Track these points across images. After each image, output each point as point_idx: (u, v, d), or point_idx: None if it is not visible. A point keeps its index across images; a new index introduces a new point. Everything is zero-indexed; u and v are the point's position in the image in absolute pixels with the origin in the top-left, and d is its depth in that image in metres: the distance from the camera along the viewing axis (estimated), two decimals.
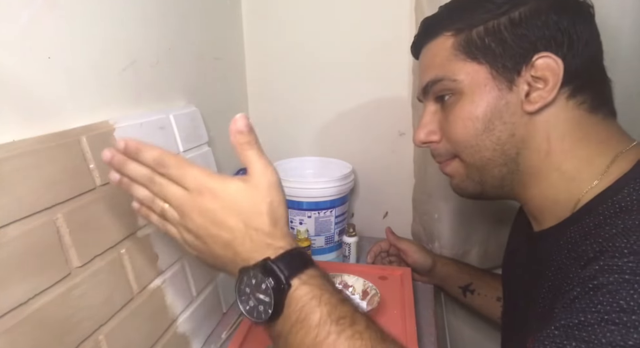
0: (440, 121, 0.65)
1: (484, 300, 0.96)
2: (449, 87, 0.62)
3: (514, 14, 0.57)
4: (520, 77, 0.57)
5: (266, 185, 0.51)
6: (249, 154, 0.54)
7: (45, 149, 0.53)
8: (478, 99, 0.59)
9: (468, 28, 0.60)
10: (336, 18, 1.16)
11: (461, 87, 0.60)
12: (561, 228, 0.57)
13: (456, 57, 0.61)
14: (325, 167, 1.19)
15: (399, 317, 0.82)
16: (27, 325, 0.47)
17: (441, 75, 0.62)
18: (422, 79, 0.66)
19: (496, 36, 0.58)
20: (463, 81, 0.60)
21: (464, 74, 0.60)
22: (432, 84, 0.64)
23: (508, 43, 0.57)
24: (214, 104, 1.05)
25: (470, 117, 0.60)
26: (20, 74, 0.53)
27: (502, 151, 0.60)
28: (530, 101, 0.57)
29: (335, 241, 1.09)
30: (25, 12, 0.53)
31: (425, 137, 0.67)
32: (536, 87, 0.57)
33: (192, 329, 0.77)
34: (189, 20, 0.93)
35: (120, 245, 0.62)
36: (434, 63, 0.64)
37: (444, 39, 0.62)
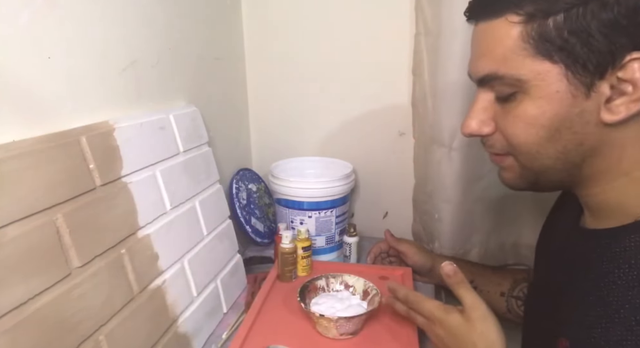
0: (497, 113, 0.56)
1: (486, 296, 0.95)
2: (512, 86, 0.52)
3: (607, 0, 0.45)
4: (602, 80, 0.47)
5: (476, 317, 0.62)
6: (460, 292, 0.65)
7: (45, 149, 0.53)
8: (546, 106, 0.50)
9: (543, 15, 0.48)
10: (336, 18, 1.15)
11: (527, 87, 0.51)
12: (621, 233, 0.51)
13: (523, 51, 0.50)
14: (325, 167, 1.19)
15: (400, 317, 0.82)
16: (27, 325, 0.47)
17: (502, 72, 0.52)
18: (477, 68, 0.56)
19: (580, 30, 0.46)
20: (529, 82, 0.50)
21: (531, 73, 0.50)
22: (490, 80, 0.54)
23: (595, 39, 0.46)
24: (214, 104, 1.05)
25: (534, 123, 0.52)
26: (20, 74, 0.53)
27: (566, 159, 0.53)
28: (612, 110, 0.48)
29: (336, 241, 1.09)
30: (25, 12, 0.53)
31: (477, 128, 0.58)
32: (621, 93, 0.47)
33: (192, 329, 0.77)
34: (189, 21, 0.93)
35: (120, 245, 0.62)
36: (493, 53, 0.53)
37: (508, 25, 0.50)
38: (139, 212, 0.67)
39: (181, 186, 0.79)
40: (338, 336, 0.77)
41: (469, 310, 0.63)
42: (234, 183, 1.13)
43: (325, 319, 0.75)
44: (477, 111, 0.58)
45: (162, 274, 0.70)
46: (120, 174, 0.64)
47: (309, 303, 0.83)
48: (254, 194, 1.20)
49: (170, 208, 0.75)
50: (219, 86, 1.09)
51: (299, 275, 0.98)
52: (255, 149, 1.32)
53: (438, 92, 1.03)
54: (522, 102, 0.52)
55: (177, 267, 0.74)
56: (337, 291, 0.87)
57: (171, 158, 0.77)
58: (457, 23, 0.96)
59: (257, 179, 1.26)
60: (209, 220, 0.86)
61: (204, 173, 0.88)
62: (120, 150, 0.64)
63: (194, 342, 0.77)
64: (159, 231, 0.71)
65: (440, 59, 1.01)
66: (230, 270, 0.93)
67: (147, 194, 0.69)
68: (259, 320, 0.82)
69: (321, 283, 0.87)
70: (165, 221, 0.73)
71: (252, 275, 1.02)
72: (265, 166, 1.22)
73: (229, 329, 0.85)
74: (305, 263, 0.98)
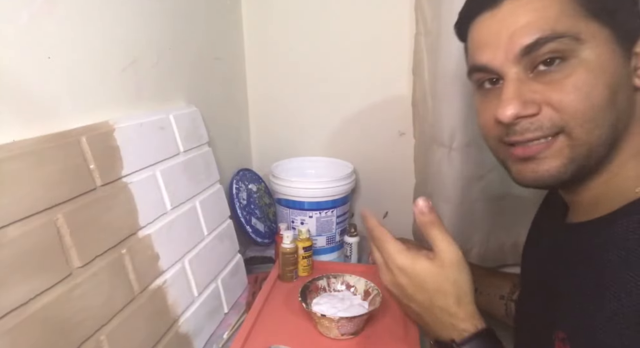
0: (540, 89, 0.53)
1: (486, 299, 0.95)
2: (567, 48, 0.50)
3: None
4: (635, 45, 0.51)
5: (449, 263, 0.56)
6: (432, 233, 0.58)
7: (46, 149, 0.52)
8: (604, 65, 0.50)
9: None
10: (336, 18, 1.16)
11: (582, 49, 0.50)
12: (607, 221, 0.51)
13: (577, 12, 0.50)
14: (326, 167, 1.19)
15: (401, 317, 0.82)
16: (28, 326, 0.47)
17: (561, 30, 0.50)
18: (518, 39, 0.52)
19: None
20: (585, 42, 0.50)
21: (588, 34, 0.50)
22: (543, 44, 0.51)
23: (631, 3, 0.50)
24: (214, 104, 1.05)
25: (595, 85, 0.50)
26: (20, 74, 0.53)
27: (616, 128, 0.52)
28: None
29: (336, 241, 1.09)
30: (25, 12, 0.53)
31: (521, 109, 0.52)
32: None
33: (193, 329, 0.77)
34: (189, 20, 0.93)
35: (121, 245, 0.62)
36: (543, 18, 0.51)
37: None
38: (140, 212, 0.67)
39: (181, 186, 0.79)
40: (339, 336, 0.77)
41: (442, 254, 0.57)
42: (234, 183, 1.13)
43: (326, 319, 0.75)
44: (516, 92, 0.53)
45: (162, 274, 0.70)
46: (121, 174, 0.64)
47: (310, 303, 0.83)
48: (254, 195, 1.20)
49: (171, 208, 0.75)
50: (219, 86, 1.09)
51: (300, 275, 0.98)
52: (255, 149, 1.32)
53: (438, 92, 1.03)
54: (578, 67, 0.50)
55: (177, 267, 0.74)
56: (339, 292, 0.87)
57: (171, 158, 0.77)
58: None
59: (258, 180, 1.25)
60: (209, 220, 0.86)
61: (204, 173, 0.88)
62: (120, 150, 0.64)
63: (195, 342, 0.77)
64: (160, 231, 0.70)
65: (440, 59, 1.01)
66: (231, 270, 0.93)
67: (148, 195, 0.69)
68: (260, 320, 0.82)
69: (322, 283, 0.87)
70: (165, 221, 0.72)
71: (252, 275, 1.02)
72: (265, 166, 1.22)
73: (230, 329, 0.85)
74: (306, 263, 0.98)
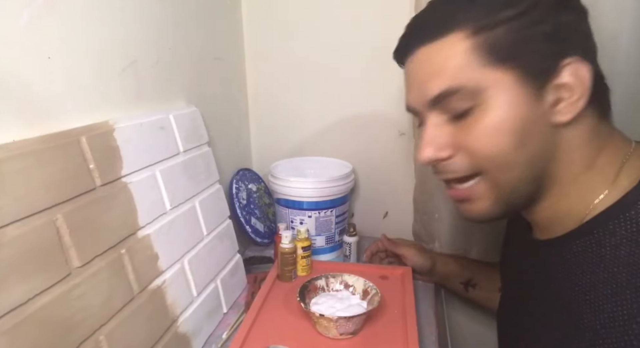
0: (454, 134, 0.55)
1: (485, 293, 0.96)
2: (471, 98, 0.52)
3: (541, 10, 0.49)
4: (547, 85, 0.51)
5: None
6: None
7: (45, 149, 0.53)
8: (509, 111, 0.51)
9: (489, 27, 0.50)
10: (336, 18, 1.15)
11: (486, 97, 0.51)
12: (568, 240, 0.54)
13: (476, 62, 0.51)
14: (325, 167, 1.19)
15: (400, 317, 0.82)
16: (27, 326, 0.47)
17: (458, 85, 0.52)
18: (427, 90, 0.55)
19: (524, 36, 0.50)
20: (488, 90, 0.51)
21: (489, 82, 0.51)
22: (446, 96, 0.53)
23: (537, 44, 0.50)
24: (214, 104, 1.05)
25: (501, 130, 0.51)
26: (20, 74, 0.53)
27: (533, 166, 0.54)
28: (561, 111, 0.51)
29: (335, 241, 1.09)
30: (25, 12, 0.53)
31: (435, 153, 0.57)
32: (565, 96, 0.51)
33: (192, 329, 0.77)
34: (189, 20, 0.93)
35: (120, 245, 0.62)
36: (445, 69, 0.53)
37: (456, 40, 0.52)
38: (139, 212, 0.67)
39: (181, 186, 0.79)
40: (338, 336, 0.77)
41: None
42: (233, 183, 1.13)
43: (325, 319, 0.75)
44: (431, 136, 0.57)
45: (162, 274, 0.70)
46: (120, 174, 0.64)
47: (308, 303, 0.83)
48: (254, 194, 1.20)
49: (170, 208, 0.75)
50: (219, 86, 1.10)
51: (299, 275, 0.98)
52: (255, 149, 1.32)
53: None
54: (484, 112, 0.52)
55: (177, 267, 0.74)
56: (337, 291, 0.87)
57: (171, 158, 0.77)
58: None
59: (257, 179, 1.26)
60: (208, 220, 0.86)
61: (204, 173, 0.88)
62: (120, 150, 0.64)
63: (194, 342, 0.77)
64: (159, 231, 0.71)
65: None
66: (230, 270, 0.93)
67: (147, 195, 0.69)
68: (259, 320, 0.82)
69: (321, 283, 0.87)
70: (165, 221, 0.73)
71: (252, 275, 1.02)
72: (265, 166, 1.22)
73: (229, 329, 0.85)
74: (305, 263, 0.98)
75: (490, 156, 0.53)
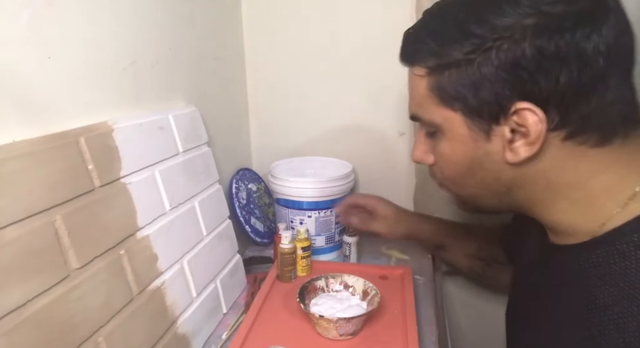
0: (431, 146, 0.62)
1: (452, 257, 1.01)
2: (431, 126, 0.58)
3: (491, 53, 0.48)
4: (499, 126, 0.51)
5: None
6: None
7: (44, 150, 0.52)
8: (457, 146, 0.55)
9: (439, 69, 0.53)
10: (336, 18, 1.15)
11: (442, 130, 0.56)
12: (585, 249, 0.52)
13: (431, 99, 0.55)
14: (325, 167, 1.19)
15: (400, 317, 0.82)
16: (25, 327, 0.47)
17: (420, 115, 0.58)
18: (409, 106, 0.62)
19: (470, 83, 0.50)
20: (441, 125, 0.56)
21: (440, 118, 0.55)
22: (416, 119, 0.60)
23: (483, 91, 0.50)
24: (214, 104, 1.05)
25: (450, 161, 0.58)
26: (20, 74, 0.53)
27: (489, 189, 0.57)
28: (514, 151, 0.51)
29: (335, 240, 1.09)
30: (25, 12, 0.53)
31: (420, 156, 0.64)
32: (520, 136, 0.50)
33: (192, 330, 0.77)
34: (189, 20, 0.93)
35: (119, 246, 0.62)
36: (413, 97, 0.59)
37: (418, 77, 0.56)
38: (138, 213, 0.66)
39: (180, 187, 0.79)
40: (338, 337, 0.77)
41: None
42: (233, 182, 1.13)
43: (324, 320, 0.75)
44: (418, 143, 0.64)
45: (161, 275, 0.70)
46: (119, 174, 0.64)
47: (308, 303, 0.83)
48: (253, 194, 1.20)
49: (170, 209, 0.74)
50: (219, 86, 1.09)
51: (299, 275, 0.98)
52: (255, 149, 1.32)
53: None
54: (441, 140, 0.57)
55: (176, 268, 0.74)
56: (337, 292, 0.87)
57: (170, 158, 0.77)
58: None
59: (257, 179, 1.25)
60: (208, 220, 0.86)
61: (204, 173, 0.88)
62: (119, 151, 0.64)
63: (194, 342, 0.77)
64: (158, 232, 0.70)
65: None
66: (229, 270, 0.93)
67: (146, 195, 0.69)
68: (258, 320, 0.82)
69: (320, 284, 0.87)
70: (164, 221, 0.72)
71: (251, 275, 1.02)
72: (265, 166, 1.22)
73: (229, 330, 0.85)
74: (305, 263, 0.98)
75: (446, 176, 0.61)
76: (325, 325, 0.76)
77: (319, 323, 0.77)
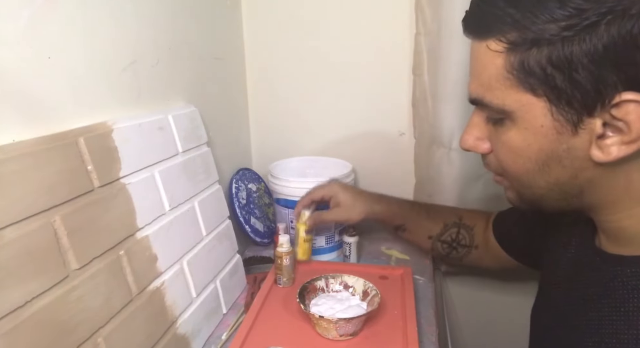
0: (491, 134, 0.54)
1: (414, 237, 0.99)
2: (500, 113, 0.49)
3: (598, 28, 0.40)
4: (592, 117, 0.43)
5: None
6: None
7: (44, 150, 0.52)
8: (531, 138, 0.47)
9: (524, 45, 0.44)
10: (336, 18, 1.15)
11: (514, 117, 0.48)
12: None
13: (507, 80, 0.46)
14: (325, 167, 1.19)
15: (400, 317, 0.82)
16: (24, 328, 0.47)
17: (488, 100, 0.49)
18: (470, 88, 0.52)
19: (564, 64, 0.42)
20: (515, 112, 0.47)
21: (515, 104, 0.47)
22: (479, 103, 0.52)
23: (580, 75, 0.42)
24: (214, 104, 1.05)
25: (520, 154, 0.49)
26: (20, 74, 0.53)
27: (560, 190, 0.50)
28: (603, 149, 0.44)
29: (335, 241, 1.08)
30: (26, 12, 0.53)
31: (473, 144, 0.56)
32: (614, 132, 0.43)
33: (192, 330, 0.77)
34: (189, 20, 0.93)
35: (118, 247, 0.62)
36: (480, 77, 0.50)
37: (493, 48, 0.46)
38: (138, 213, 0.66)
39: (180, 187, 0.79)
40: (338, 337, 0.77)
41: None
42: (233, 182, 1.12)
43: (324, 320, 0.75)
44: (472, 128, 0.55)
45: (161, 275, 0.70)
46: (119, 175, 0.64)
47: (308, 304, 0.82)
48: (253, 194, 1.20)
49: (169, 209, 0.74)
50: (219, 86, 1.09)
51: (299, 259, 0.96)
52: (255, 149, 1.32)
53: (438, 93, 1.03)
54: (510, 129, 0.49)
55: (176, 268, 0.74)
56: (337, 292, 0.87)
57: (170, 158, 0.77)
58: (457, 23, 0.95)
59: (257, 179, 1.25)
60: (208, 221, 0.86)
61: (203, 173, 0.88)
62: (118, 151, 0.64)
63: (194, 343, 0.77)
64: (158, 232, 0.70)
65: (440, 59, 1.01)
66: (229, 271, 0.93)
67: (146, 195, 0.69)
68: (258, 320, 0.82)
69: (320, 284, 0.87)
70: (164, 222, 0.72)
71: (251, 275, 1.02)
72: (265, 166, 1.22)
73: (229, 330, 0.85)
74: (307, 246, 0.96)
75: (509, 171, 0.53)
76: (325, 325, 0.76)
77: (319, 323, 0.77)
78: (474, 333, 1.31)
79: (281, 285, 0.94)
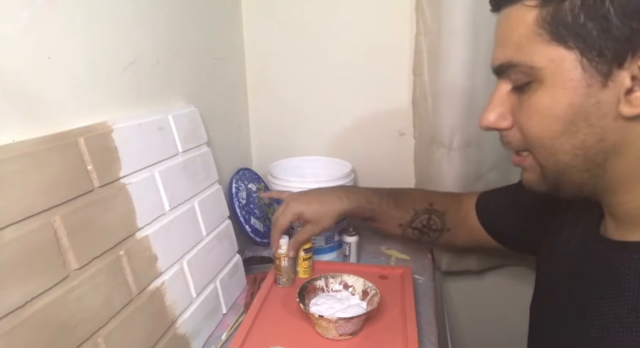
0: (514, 106, 0.53)
1: (384, 226, 0.98)
2: (526, 74, 0.49)
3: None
4: (622, 69, 0.44)
5: None
6: None
7: (43, 150, 0.52)
8: (559, 94, 0.47)
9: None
10: (336, 18, 1.15)
11: (541, 75, 0.48)
12: None
13: (539, 36, 0.47)
14: (325, 167, 1.19)
15: (400, 317, 0.82)
16: (24, 328, 0.47)
17: (517, 60, 0.49)
18: (496, 56, 0.53)
19: (597, 14, 0.43)
20: (544, 69, 0.47)
21: (546, 60, 0.47)
22: (506, 69, 0.51)
23: (612, 24, 0.42)
24: (214, 104, 1.05)
25: (548, 114, 0.48)
26: (20, 75, 0.53)
27: (585, 156, 0.49)
28: (632, 102, 0.44)
29: (335, 240, 1.08)
30: (25, 12, 0.53)
31: (494, 120, 0.55)
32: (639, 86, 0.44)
33: (192, 330, 0.77)
34: (189, 20, 0.93)
35: (118, 247, 0.62)
36: (510, 40, 0.50)
37: (524, 10, 0.48)
38: (138, 213, 0.66)
39: (180, 187, 0.79)
40: (337, 336, 0.77)
41: None
42: (233, 182, 1.13)
43: (324, 320, 0.75)
44: (495, 103, 0.55)
45: (161, 275, 0.70)
46: (119, 175, 0.64)
47: (308, 303, 0.83)
48: (253, 194, 1.20)
49: (169, 209, 0.74)
50: (219, 86, 1.09)
51: (301, 277, 0.96)
52: (255, 149, 1.32)
53: (438, 92, 1.03)
54: (536, 91, 0.49)
55: (176, 268, 0.74)
56: (337, 292, 0.87)
57: (170, 158, 0.77)
58: (457, 23, 0.97)
59: (257, 179, 1.25)
60: (208, 221, 0.86)
61: (203, 173, 0.88)
62: (118, 151, 0.64)
63: (194, 343, 0.77)
64: (158, 232, 0.70)
65: (440, 59, 1.01)
66: (229, 271, 0.93)
67: (146, 195, 0.69)
68: (258, 320, 0.82)
69: (320, 284, 0.87)
70: (164, 222, 0.72)
71: (251, 275, 1.02)
72: (265, 166, 1.22)
73: (229, 330, 0.85)
74: (307, 265, 0.96)
75: (534, 137, 0.51)
76: (325, 325, 0.76)
77: (319, 323, 0.77)
78: (473, 333, 1.31)
79: (281, 285, 0.93)
